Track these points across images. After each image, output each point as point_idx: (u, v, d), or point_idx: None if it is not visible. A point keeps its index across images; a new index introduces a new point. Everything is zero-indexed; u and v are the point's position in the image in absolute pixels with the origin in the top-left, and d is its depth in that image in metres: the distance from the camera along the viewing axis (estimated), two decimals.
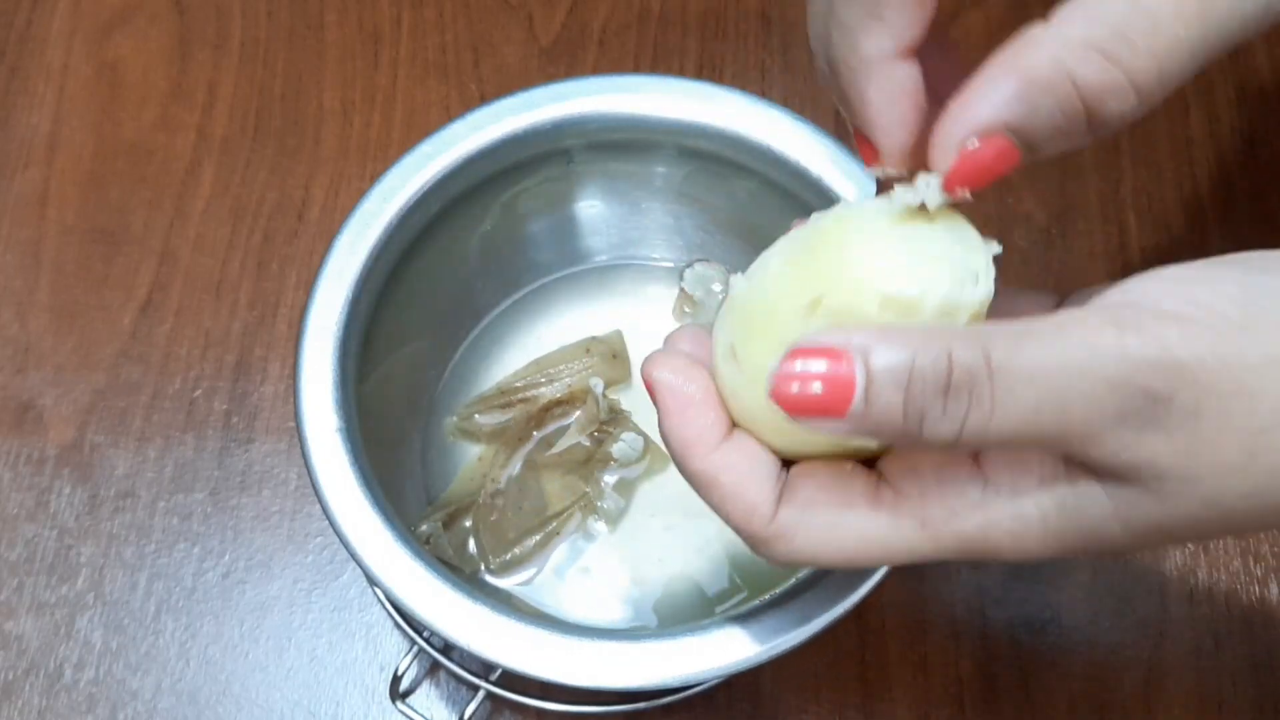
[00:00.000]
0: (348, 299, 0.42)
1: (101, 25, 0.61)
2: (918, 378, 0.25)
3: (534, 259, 0.52)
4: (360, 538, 0.39)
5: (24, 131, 0.58)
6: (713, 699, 0.47)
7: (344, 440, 0.40)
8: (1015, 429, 0.25)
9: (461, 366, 0.51)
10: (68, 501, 0.51)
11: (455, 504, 0.47)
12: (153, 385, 0.53)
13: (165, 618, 0.49)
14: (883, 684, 0.48)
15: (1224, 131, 0.58)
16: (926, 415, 0.25)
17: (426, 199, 0.44)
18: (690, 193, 0.50)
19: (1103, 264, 0.55)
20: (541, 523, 0.47)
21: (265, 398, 0.53)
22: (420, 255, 0.46)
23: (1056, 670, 0.48)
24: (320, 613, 0.49)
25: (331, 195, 0.57)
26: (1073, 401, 0.25)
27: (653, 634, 0.38)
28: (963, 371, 0.25)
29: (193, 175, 0.57)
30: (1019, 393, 0.25)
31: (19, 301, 0.55)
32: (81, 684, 0.48)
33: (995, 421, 0.25)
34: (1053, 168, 0.57)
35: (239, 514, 0.51)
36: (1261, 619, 0.49)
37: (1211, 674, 0.48)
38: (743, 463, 0.29)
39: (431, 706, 0.48)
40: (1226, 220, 0.56)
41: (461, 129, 0.45)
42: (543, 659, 0.37)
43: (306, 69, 0.60)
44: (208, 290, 0.55)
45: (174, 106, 0.59)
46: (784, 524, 0.29)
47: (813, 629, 0.37)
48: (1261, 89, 0.59)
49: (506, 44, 0.60)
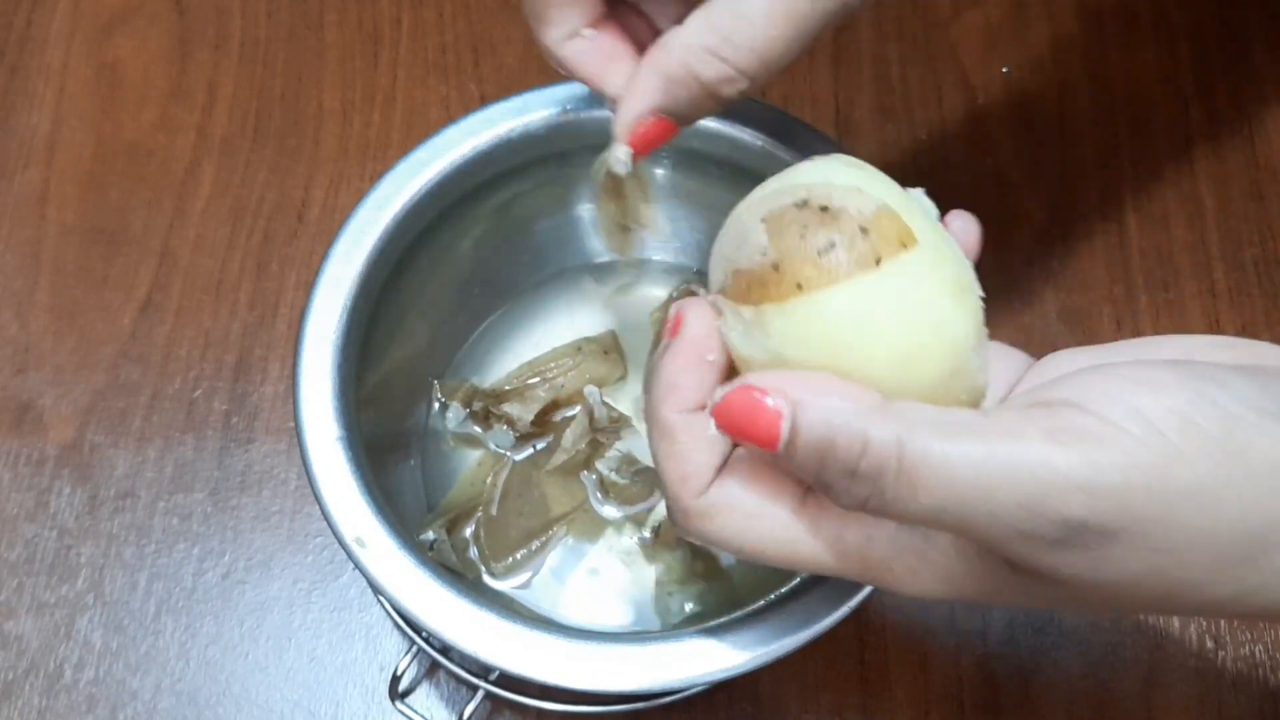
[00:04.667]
0: (345, 306, 0.42)
1: (101, 25, 0.61)
2: (830, 455, 0.27)
3: (531, 262, 0.52)
4: (361, 544, 0.39)
5: (24, 131, 0.58)
6: (712, 699, 0.47)
7: (344, 448, 0.40)
8: (915, 518, 0.27)
9: (460, 370, 0.51)
10: (68, 501, 0.51)
11: (456, 510, 0.47)
12: (153, 385, 0.53)
13: (165, 618, 0.49)
14: (883, 684, 0.48)
15: (1224, 131, 0.58)
16: (833, 487, 0.27)
17: (422, 205, 0.44)
18: (687, 194, 0.50)
19: (1103, 264, 0.55)
20: (543, 526, 0.47)
21: (265, 398, 0.53)
22: (417, 261, 0.46)
23: (1056, 670, 0.48)
24: (320, 613, 0.49)
25: (331, 195, 0.57)
26: (978, 514, 0.26)
27: (652, 637, 0.38)
28: (872, 460, 0.26)
29: (192, 175, 0.57)
30: (923, 490, 0.26)
31: (19, 301, 0.55)
32: (81, 684, 0.48)
33: (893, 510, 0.27)
34: (1053, 168, 0.57)
35: (239, 514, 0.51)
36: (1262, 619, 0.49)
37: (1211, 674, 0.48)
38: (704, 432, 0.30)
39: (431, 706, 0.48)
40: (1225, 220, 0.56)
41: (456, 134, 0.45)
42: (542, 661, 0.37)
43: (306, 69, 0.60)
44: (208, 290, 0.55)
45: (174, 107, 0.59)
46: (711, 501, 0.30)
47: (813, 631, 0.37)
48: (1260, 88, 0.59)
49: (506, 44, 0.60)
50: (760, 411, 0.28)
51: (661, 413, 0.30)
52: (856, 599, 0.38)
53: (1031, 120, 0.59)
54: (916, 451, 0.26)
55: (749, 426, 0.28)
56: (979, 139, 0.58)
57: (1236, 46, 0.60)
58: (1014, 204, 0.56)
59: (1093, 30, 0.61)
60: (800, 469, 0.28)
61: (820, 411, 0.27)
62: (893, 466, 0.26)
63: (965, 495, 0.26)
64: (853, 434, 0.26)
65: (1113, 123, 0.59)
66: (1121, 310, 0.54)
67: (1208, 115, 0.59)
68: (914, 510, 0.26)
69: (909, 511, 0.27)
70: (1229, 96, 0.59)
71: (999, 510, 0.26)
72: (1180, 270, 0.55)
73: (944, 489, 0.26)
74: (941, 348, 0.29)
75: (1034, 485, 0.25)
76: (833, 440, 0.27)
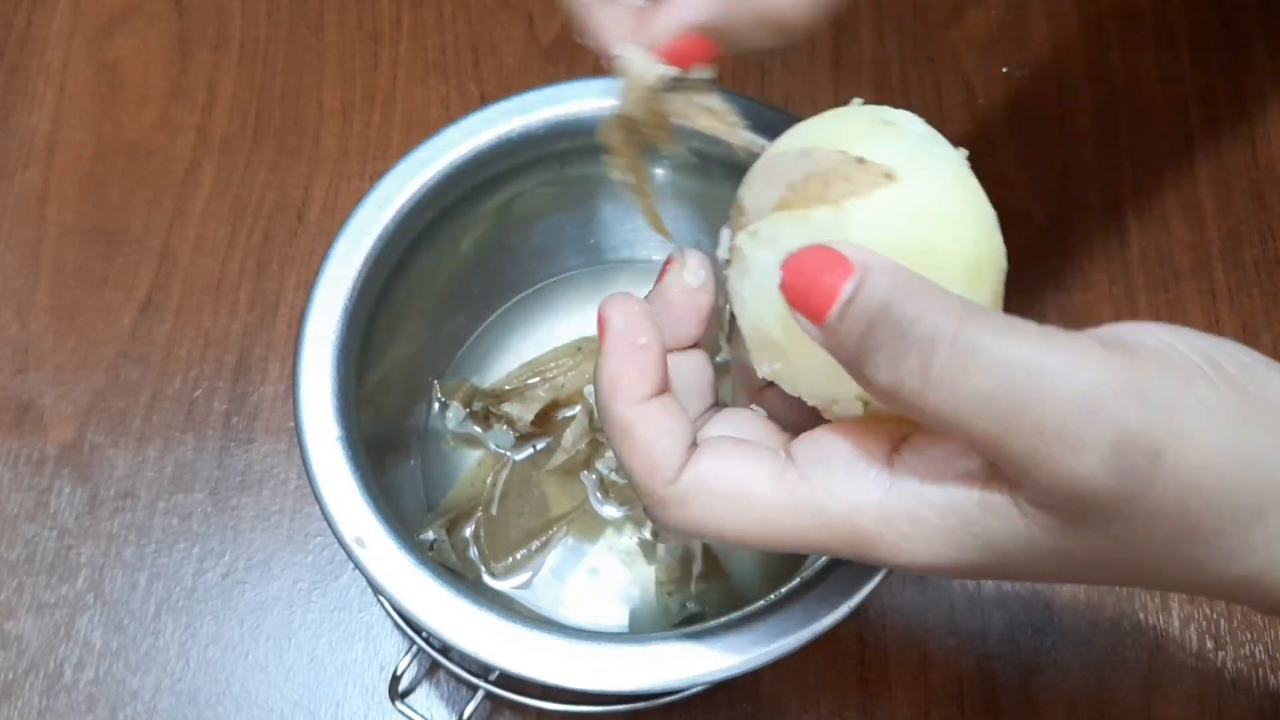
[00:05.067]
0: (345, 307, 0.42)
1: (101, 25, 0.61)
2: (883, 319, 0.25)
3: (530, 263, 0.52)
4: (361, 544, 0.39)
5: (24, 131, 0.58)
6: (712, 699, 0.47)
7: (344, 448, 0.40)
8: (953, 410, 0.25)
9: (460, 370, 0.51)
10: (68, 501, 0.51)
11: (456, 510, 0.48)
12: (153, 385, 0.53)
13: (165, 618, 0.49)
14: (883, 684, 0.48)
15: (1224, 131, 0.58)
16: (873, 355, 0.25)
17: (421, 205, 0.44)
18: (688, 194, 0.49)
19: (1102, 264, 0.55)
20: (543, 526, 0.47)
21: (265, 398, 0.53)
22: (417, 261, 0.46)
23: (1056, 670, 0.48)
24: (320, 613, 0.49)
25: (331, 195, 0.57)
26: (1031, 407, 0.24)
27: (652, 637, 0.38)
28: (927, 327, 0.25)
29: (192, 175, 0.57)
30: (975, 371, 0.24)
31: (19, 301, 0.55)
32: (81, 684, 0.48)
33: (934, 393, 0.25)
34: (1053, 168, 0.57)
35: (239, 514, 0.51)
36: (1262, 619, 0.49)
37: (1211, 674, 0.48)
38: (663, 420, 0.29)
39: (431, 706, 0.48)
40: (1225, 220, 0.56)
41: (456, 134, 0.45)
42: (542, 661, 0.37)
43: (306, 69, 0.60)
44: (208, 290, 0.55)
45: (174, 106, 0.59)
46: (684, 488, 0.29)
47: (813, 631, 0.37)
48: (1260, 88, 0.59)
49: (506, 44, 0.60)
50: (835, 263, 0.26)
51: (613, 410, 0.29)
52: (856, 599, 0.37)
53: (1031, 120, 0.59)
54: (974, 332, 0.25)
55: (815, 282, 0.26)
56: (979, 139, 0.58)
57: (1236, 46, 0.60)
58: (1014, 204, 0.56)
59: (1093, 30, 0.61)
60: (843, 336, 0.26)
61: (889, 274, 0.25)
62: (948, 338, 0.25)
63: (1018, 387, 0.24)
64: (914, 303, 0.25)
65: (1113, 123, 0.59)
66: (1121, 310, 0.54)
67: (1208, 115, 0.59)
68: (957, 396, 0.24)
69: (951, 396, 0.25)
70: (1229, 96, 0.59)
71: (1049, 414, 0.24)
72: (1180, 270, 0.55)
73: (1000, 373, 0.24)
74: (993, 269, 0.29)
75: (1092, 387, 0.24)
76: (891, 306, 0.25)
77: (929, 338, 0.25)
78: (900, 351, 0.25)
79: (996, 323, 0.25)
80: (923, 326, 0.25)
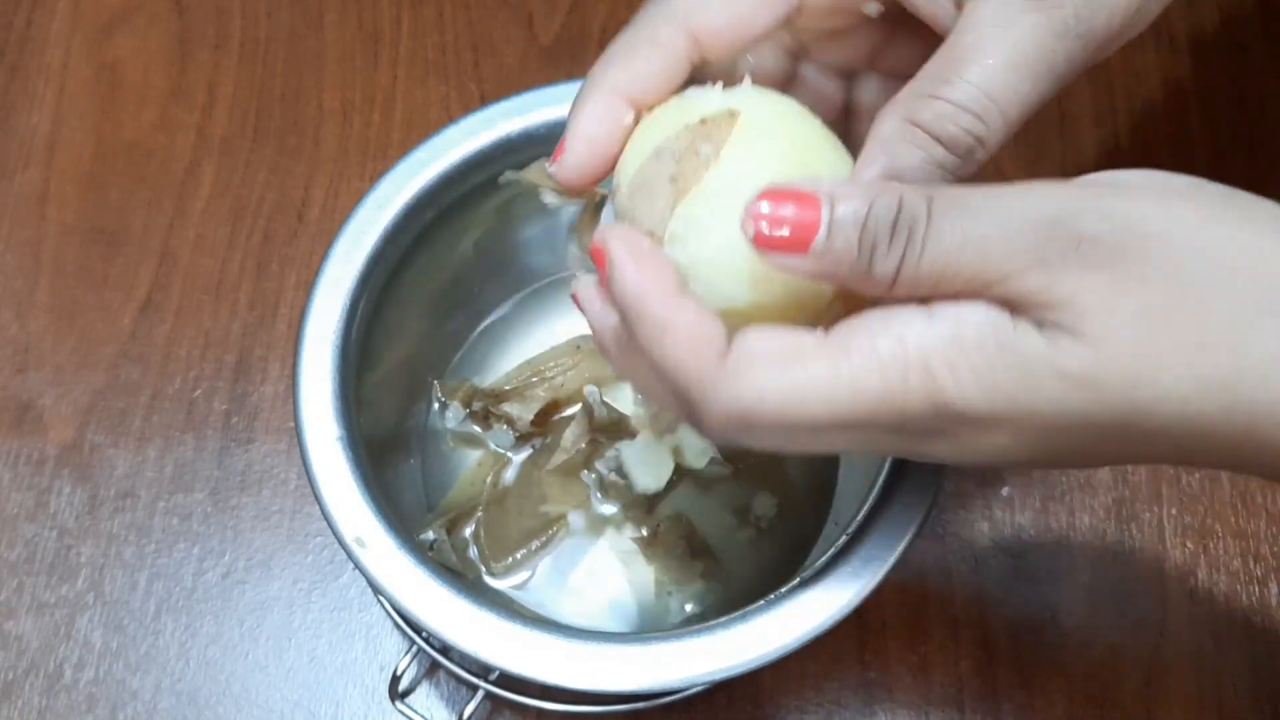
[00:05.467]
0: (344, 307, 0.42)
1: (101, 25, 0.61)
2: (872, 217, 0.28)
3: (530, 262, 0.52)
4: (361, 544, 0.39)
5: (24, 131, 0.58)
6: (712, 699, 0.47)
7: (344, 448, 0.40)
8: (939, 268, 0.27)
9: (460, 370, 0.51)
10: (68, 501, 0.51)
11: (456, 510, 0.47)
12: (152, 385, 0.53)
13: (165, 618, 0.49)
14: (883, 684, 0.48)
15: (1224, 132, 0.58)
16: (876, 250, 0.28)
17: (421, 205, 0.44)
18: None
19: None
20: (543, 526, 0.47)
21: (265, 398, 0.53)
22: (416, 261, 0.46)
23: (1056, 670, 0.48)
24: (320, 613, 0.49)
25: (331, 195, 0.57)
26: (992, 240, 0.27)
27: (652, 637, 0.38)
28: (908, 212, 0.27)
29: (192, 175, 0.57)
30: (946, 231, 0.27)
31: (19, 301, 0.55)
32: (81, 684, 0.48)
33: (925, 259, 0.27)
34: (1053, 168, 0.57)
35: (239, 514, 0.51)
36: (1261, 619, 0.49)
37: (1211, 674, 0.48)
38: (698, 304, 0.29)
39: (431, 706, 0.48)
40: None
41: (456, 134, 0.45)
42: (542, 661, 0.37)
43: (306, 69, 0.60)
44: (208, 290, 0.55)
45: (174, 106, 0.59)
46: (736, 359, 0.28)
47: (813, 631, 0.37)
48: (1260, 89, 0.59)
49: (506, 44, 0.60)
50: (795, 199, 0.28)
51: (647, 311, 0.29)
52: (856, 599, 0.38)
53: (1031, 120, 0.59)
54: (944, 197, 0.28)
55: (790, 223, 0.28)
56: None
57: (1236, 46, 0.60)
58: None
59: None
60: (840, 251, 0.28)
61: (855, 190, 0.28)
62: (924, 213, 0.27)
63: (982, 225, 0.27)
64: (889, 199, 0.28)
65: (1113, 123, 0.59)
66: None
67: (1208, 116, 0.59)
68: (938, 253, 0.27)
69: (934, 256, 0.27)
70: (1229, 97, 0.59)
71: (1016, 237, 0.27)
72: None
73: (969, 221, 0.27)
74: None
75: (1053, 208, 0.27)
76: (873, 208, 0.27)
77: (910, 222, 0.27)
78: (892, 242, 0.27)
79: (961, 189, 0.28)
80: (904, 214, 0.27)
